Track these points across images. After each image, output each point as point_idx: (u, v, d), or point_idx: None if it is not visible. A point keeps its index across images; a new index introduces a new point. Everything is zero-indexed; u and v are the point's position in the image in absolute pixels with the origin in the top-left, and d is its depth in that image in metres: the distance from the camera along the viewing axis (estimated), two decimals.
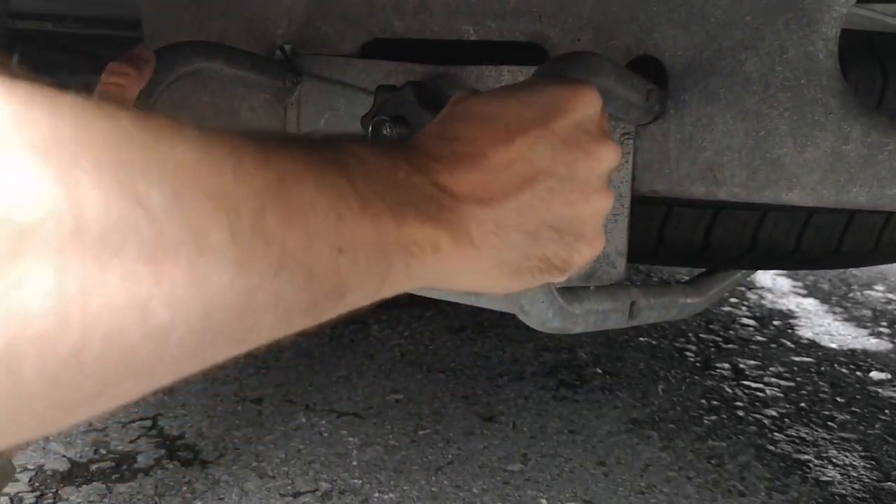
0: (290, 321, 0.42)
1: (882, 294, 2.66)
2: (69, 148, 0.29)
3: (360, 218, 0.43)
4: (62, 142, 0.29)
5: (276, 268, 0.37)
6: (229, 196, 0.35)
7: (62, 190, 0.28)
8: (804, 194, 0.90)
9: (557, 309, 0.79)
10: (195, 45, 1.05)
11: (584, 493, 1.38)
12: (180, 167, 0.33)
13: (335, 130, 0.42)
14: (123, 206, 0.30)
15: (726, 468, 1.48)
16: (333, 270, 0.42)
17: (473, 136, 0.55)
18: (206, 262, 0.33)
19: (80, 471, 1.37)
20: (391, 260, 0.46)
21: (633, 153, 0.97)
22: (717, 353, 2.06)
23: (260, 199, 0.37)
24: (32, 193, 0.27)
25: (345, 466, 1.42)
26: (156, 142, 0.33)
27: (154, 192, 0.32)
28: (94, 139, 0.30)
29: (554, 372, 1.87)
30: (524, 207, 0.54)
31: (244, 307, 0.36)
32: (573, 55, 0.83)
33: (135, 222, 0.30)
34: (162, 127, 0.34)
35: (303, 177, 0.40)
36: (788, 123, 0.89)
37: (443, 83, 1.05)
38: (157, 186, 0.32)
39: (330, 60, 1.15)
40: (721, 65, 0.92)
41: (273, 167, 0.38)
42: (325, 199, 0.41)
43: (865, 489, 1.44)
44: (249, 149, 0.38)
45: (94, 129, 0.31)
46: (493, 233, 0.53)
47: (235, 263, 0.35)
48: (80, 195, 0.29)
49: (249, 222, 0.36)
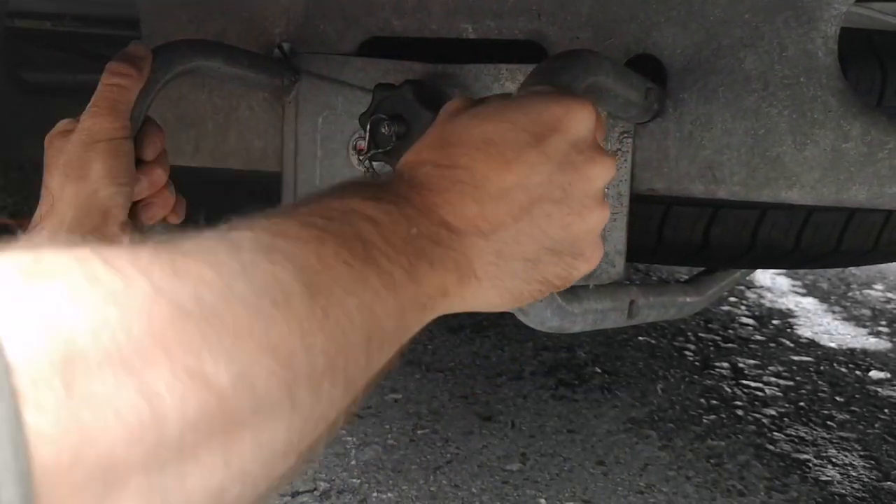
0: (328, 420, 0.43)
1: (881, 293, 2.66)
2: (140, 343, 0.30)
3: (385, 300, 0.45)
4: (134, 340, 0.30)
5: (325, 399, 0.40)
6: (284, 348, 0.37)
7: (144, 403, 0.29)
8: (804, 193, 0.89)
9: (556, 308, 0.79)
10: (193, 44, 1.05)
11: (582, 493, 1.38)
12: (237, 335, 0.35)
13: (336, 184, 0.43)
14: (195, 397, 0.31)
15: (725, 467, 1.48)
16: (364, 358, 0.44)
17: (470, 163, 0.55)
18: (268, 427, 0.35)
19: None
20: (409, 323, 0.48)
21: (631, 151, 0.97)
22: (717, 353, 2.06)
23: (309, 339, 0.38)
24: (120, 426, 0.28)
25: (343, 466, 1.42)
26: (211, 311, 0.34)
27: (221, 367, 0.32)
28: (162, 321, 0.31)
29: (553, 371, 1.87)
30: (522, 235, 0.55)
31: (296, 444, 0.38)
32: (572, 54, 0.82)
33: (207, 408, 0.31)
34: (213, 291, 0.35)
35: (343, 296, 0.42)
36: (788, 122, 0.89)
37: (441, 82, 1.05)
38: (223, 360, 0.33)
39: (328, 59, 1.15)
40: (720, 63, 0.92)
41: (318, 299, 0.40)
42: (358, 299, 0.43)
43: (865, 488, 1.44)
44: (296, 287, 0.39)
45: (160, 310, 0.32)
46: (493, 264, 0.54)
47: (290, 413, 0.36)
48: (160, 402, 0.29)
49: (305, 371, 0.38)
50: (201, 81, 1.24)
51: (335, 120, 1.15)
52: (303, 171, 1.19)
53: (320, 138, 1.17)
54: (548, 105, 0.59)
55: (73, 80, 1.90)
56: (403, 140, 1.00)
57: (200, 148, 1.27)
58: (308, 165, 1.18)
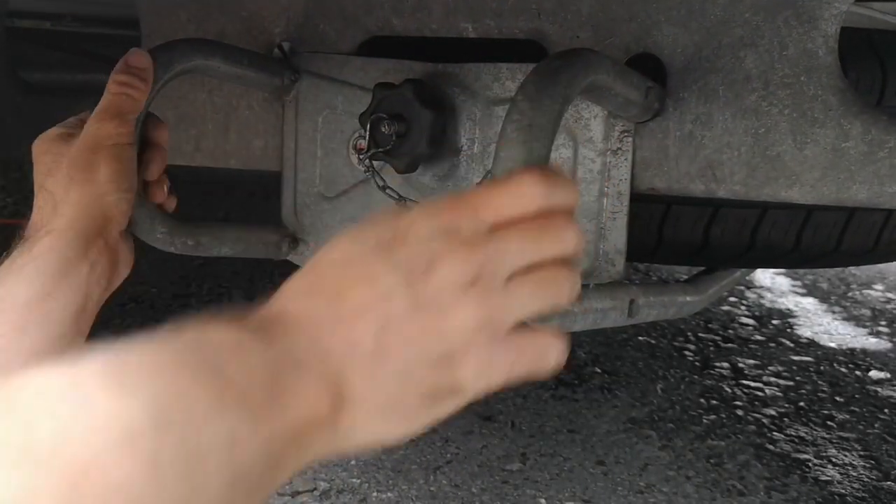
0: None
1: (881, 293, 2.66)
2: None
3: (246, 432, 0.44)
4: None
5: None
6: (129, 488, 0.38)
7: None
8: (804, 192, 0.89)
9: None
10: (193, 43, 1.05)
11: (582, 493, 1.38)
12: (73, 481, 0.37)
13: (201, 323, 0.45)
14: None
15: (725, 467, 1.48)
16: (229, 496, 0.43)
17: (326, 283, 0.54)
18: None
19: None
20: (281, 459, 0.47)
21: (632, 150, 0.97)
22: (717, 353, 2.06)
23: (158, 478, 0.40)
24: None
25: (343, 466, 1.42)
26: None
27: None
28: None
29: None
30: (387, 350, 0.52)
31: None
32: (572, 53, 0.83)
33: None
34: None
35: (196, 429, 0.42)
36: (788, 121, 0.89)
37: (441, 81, 1.05)
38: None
39: (328, 58, 1.15)
40: (720, 62, 0.92)
41: (167, 435, 0.41)
42: (213, 432, 0.43)
43: (865, 488, 1.44)
44: (144, 422, 0.40)
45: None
46: (365, 384, 0.52)
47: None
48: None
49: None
50: (201, 81, 1.24)
51: (335, 119, 1.15)
52: (303, 171, 1.19)
53: (320, 137, 1.17)
54: (395, 217, 0.57)
55: (72, 80, 1.90)
56: (403, 139, 1.00)
57: (200, 147, 1.27)
58: (308, 164, 1.18)
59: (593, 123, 0.98)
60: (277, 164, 1.22)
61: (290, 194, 1.21)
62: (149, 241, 1.04)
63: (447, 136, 1.04)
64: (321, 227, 1.18)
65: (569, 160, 1.00)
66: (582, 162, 0.99)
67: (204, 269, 2.33)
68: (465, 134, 1.05)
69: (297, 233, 1.20)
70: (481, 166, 1.04)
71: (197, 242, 1.07)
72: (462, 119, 1.04)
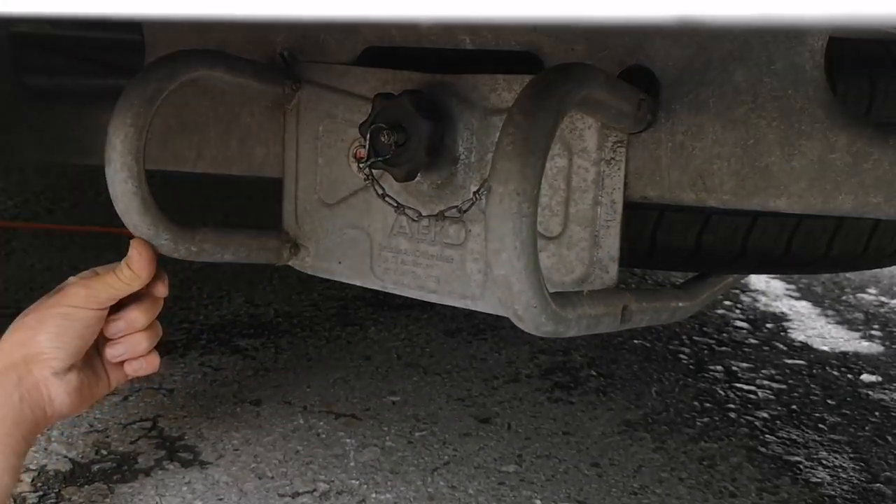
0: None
1: (874, 297, 2.68)
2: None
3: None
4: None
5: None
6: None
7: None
8: (792, 202, 0.92)
9: (551, 313, 0.81)
10: (197, 54, 1.07)
11: (577, 494, 1.40)
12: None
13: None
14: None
15: (718, 469, 1.50)
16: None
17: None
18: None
19: (82, 471, 1.39)
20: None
21: (625, 161, 0.99)
22: (711, 356, 2.08)
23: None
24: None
25: (342, 467, 1.44)
26: None
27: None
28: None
29: (549, 374, 1.89)
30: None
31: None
32: (566, 67, 0.85)
33: None
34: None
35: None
36: (776, 132, 0.92)
37: (439, 91, 1.07)
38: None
39: (328, 68, 1.18)
40: (711, 75, 0.94)
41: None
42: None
43: (854, 490, 1.46)
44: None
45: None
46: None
47: None
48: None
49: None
50: (204, 89, 1.27)
51: (335, 128, 1.18)
52: (304, 178, 1.22)
53: (321, 145, 1.20)
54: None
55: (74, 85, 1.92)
56: (403, 148, 1.03)
57: (203, 154, 1.30)
58: (309, 172, 1.21)
59: (587, 134, 1.00)
60: (278, 171, 1.25)
61: (290, 201, 1.23)
62: (154, 248, 1.06)
63: (445, 145, 1.07)
64: (321, 233, 1.21)
65: (564, 169, 1.02)
66: (576, 171, 1.01)
67: (204, 273, 2.35)
68: (462, 143, 1.07)
69: (297, 239, 1.23)
70: (478, 175, 1.06)
71: (200, 249, 1.10)
72: (460, 129, 1.07)
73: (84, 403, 1.13)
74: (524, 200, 0.75)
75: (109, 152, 1.00)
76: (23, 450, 1.06)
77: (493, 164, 0.77)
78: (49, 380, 1.06)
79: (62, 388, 1.07)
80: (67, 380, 1.08)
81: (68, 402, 1.09)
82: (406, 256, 1.13)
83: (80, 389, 1.10)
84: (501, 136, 0.77)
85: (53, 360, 1.06)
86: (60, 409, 1.09)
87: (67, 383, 1.08)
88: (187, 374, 1.79)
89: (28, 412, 1.05)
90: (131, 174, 0.99)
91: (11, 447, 1.03)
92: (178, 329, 2.02)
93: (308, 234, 1.22)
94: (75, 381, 1.09)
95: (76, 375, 1.09)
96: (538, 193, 0.76)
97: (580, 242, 1.02)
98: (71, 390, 1.08)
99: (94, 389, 1.14)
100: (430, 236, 1.11)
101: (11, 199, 2.83)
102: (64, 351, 1.06)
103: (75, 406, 1.11)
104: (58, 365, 1.06)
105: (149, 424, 1.56)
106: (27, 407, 1.05)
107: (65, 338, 1.06)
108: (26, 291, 0.94)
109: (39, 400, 1.07)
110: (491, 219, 0.76)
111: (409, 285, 1.14)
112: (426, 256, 1.12)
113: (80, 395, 1.11)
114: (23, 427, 1.05)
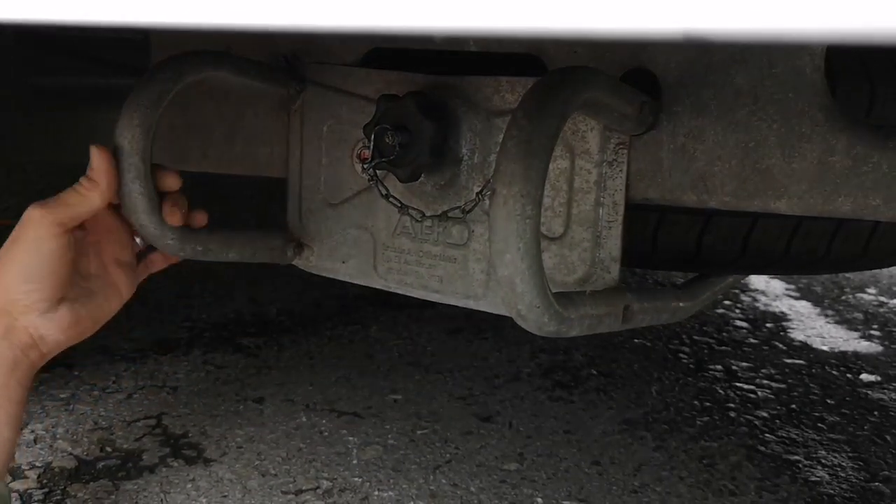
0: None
1: (874, 297, 2.69)
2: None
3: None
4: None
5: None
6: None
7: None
8: (792, 203, 0.93)
9: (553, 313, 0.82)
10: (202, 55, 1.08)
11: (578, 492, 1.41)
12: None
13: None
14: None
15: (717, 468, 1.52)
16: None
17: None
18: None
19: (87, 468, 1.40)
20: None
21: (627, 162, 1.00)
22: (711, 355, 2.09)
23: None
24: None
25: (345, 465, 1.45)
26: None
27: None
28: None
29: (550, 373, 1.90)
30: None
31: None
32: (570, 70, 0.86)
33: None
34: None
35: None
36: (777, 135, 0.93)
37: (443, 93, 1.08)
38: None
39: (333, 69, 1.18)
40: (712, 78, 0.95)
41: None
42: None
43: (853, 489, 1.47)
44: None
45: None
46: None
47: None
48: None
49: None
50: (209, 90, 1.27)
51: (339, 129, 1.19)
52: (308, 178, 1.22)
53: (325, 146, 1.20)
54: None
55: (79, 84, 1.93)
56: (406, 149, 1.03)
57: (208, 154, 1.30)
58: (313, 172, 1.22)
59: (590, 136, 1.01)
60: (283, 172, 1.25)
61: (295, 201, 1.24)
62: (160, 248, 1.07)
63: (449, 146, 1.08)
64: (325, 232, 1.22)
65: (566, 171, 1.03)
66: (579, 173, 1.02)
67: (207, 271, 2.37)
68: (465, 144, 1.08)
69: (301, 238, 1.23)
70: (481, 175, 1.07)
71: (206, 248, 1.10)
72: (463, 130, 1.08)
73: (87, 331, 1.06)
74: (528, 202, 0.75)
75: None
76: (21, 396, 1.01)
77: (496, 166, 0.78)
78: (36, 322, 0.99)
79: (54, 327, 1.00)
80: (59, 316, 1.00)
81: (64, 338, 1.02)
82: (409, 256, 1.14)
83: (76, 322, 1.02)
84: (505, 139, 0.78)
85: (34, 303, 0.98)
86: (56, 345, 1.02)
87: (59, 320, 1.00)
88: (191, 371, 1.80)
89: (21, 356, 0.99)
90: (138, 174, 1.00)
91: (8, 397, 0.99)
92: (181, 327, 2.04)
93: (312, 234, 1.23)
94: (68, 316, 1.01)
95: (68, 308, 1.01)
96: (541, 195, 0.77)
97: (582, 243, 1.03)
98: (65, 326, 1.01)
99: (99, 312, 1.06)
100: (433, 236, 1.12)
101: (14, 197, 2.84)
102: (39, 292, 0.98)
103: (75, 336, 1.04)
104: (40, 306, 0.98)
105: (153, 422, 1.57)
106: (19, 352, 0.99)
107: (35, 277, 0.97)
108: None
109: (30, 343, 1.00)
110: (495, 220, 0.77)
111: (413, 285, 1.15)
112: (429, 256, 1.13)
113: (79, 326, 1.03)
114: (18, 373, 0.99)
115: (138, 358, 1.84)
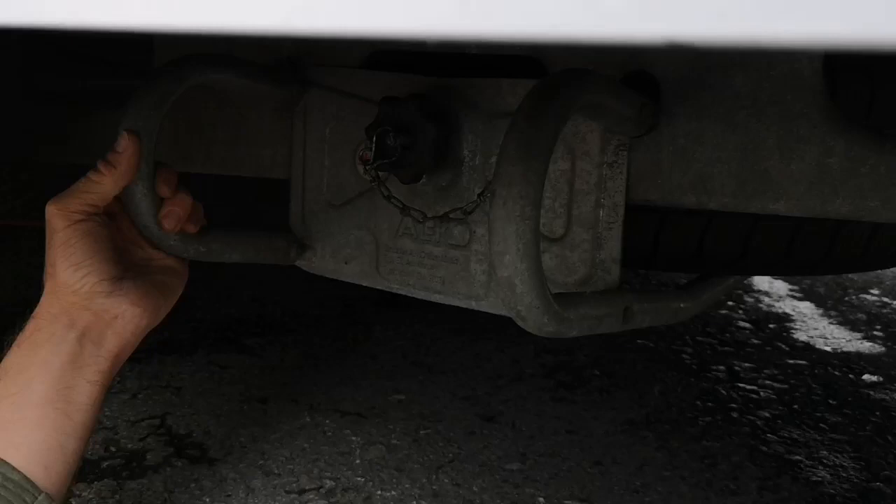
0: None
1: (877, 298, 2.69)
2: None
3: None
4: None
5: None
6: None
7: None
8: (790, 205, 0.93)
9: (553, 314, 0.83)
10: (205, 58, 1.09)
11: (580, 492, 1.42)
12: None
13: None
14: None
15: (719, 468, 1.52)
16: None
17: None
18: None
19: (92, 468, 1.41)
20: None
21: (627, 164, 1.01)
22: (713, 356, 2.09)
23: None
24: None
25: (348, 465, 1.46)
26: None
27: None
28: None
29: (552, 373, 1.91)
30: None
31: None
32: (570, 72, 0.87)
33: None
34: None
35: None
36: (775, 137, 0.93)
37: (444, 95, 1.09)
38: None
39: (335, 71, 1.19)
40: (711, 80, 0.96)
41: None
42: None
43: (854, 489, 1.48)
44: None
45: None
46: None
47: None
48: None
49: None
50: (212, 92, 1.28)
51: (342, 130, 1.20)
52: (310, 179, 1.23)
53: (327, 147, 1.21)
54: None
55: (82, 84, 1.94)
56: (408, 151, 1.04)
57: (211, 156, 1.31)
58: (316, 174, 1.23)
59: (590, 138, 1.02)
60: (286, 173, 1.26)
61: (297, 202, 1.25)
62: (163, 249, 1.08)
63: (450, 148, 1.08)
64: (328, 233, 1.23)
65: (566, 172, 1.04)
66: (579, 174, 1.03)
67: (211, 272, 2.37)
68: (467, 146, 1.09)
69: (304, 239, 1.24)
70: (482, 177, 1.08)
71: (209, 249, 1.11)
72: (464, 132, 1.08)
73: (161, 307, 1.06)
74: (527, 204, 0.76)
75: None
76: (93, 396, 0.99)
77: (496, 167, 0.78)
78: (105, 304, 0.99)
79: (125, 301, 1.00)
80: (125, 291, 1.00)
81: (139, 310, 1.02)
82: (411, 257, 1.15)
83: (146, 294, 1.02)
84: (505, 141, 0.78)
85: (94, 286, 0.98)
86: (134, 320, 1.01)
87: (127, 293, 1.00)
88: (195, 372, 1.81)
89: (92, 350, 0.99)
90: (141, 176, 1.01)
91: (69, 400, 0.97)
92: (185, 328, 2.05)
93: (315, 235, 1.24)
94: (134, 289, 1.01)
95: (132, 282, 1.01)
96: (541, 197, 0.78)
97: (582, 244, 1.04)
98: (135, 299, 1.01)
99: (164, 287, 1.07)
100: (434, 237, 1.13)
101: (19, 198, 2.85)
102: (94, 274, 0.98)
103: (151, 309, 1.04)
104: (103, 287, 0.98)
105: (157, 422, 1.58)
106: (89, 344, 0.99)
107: (81, 262, 0.98)
108: (36, 289, 0.96)
109: (103, 327, 1.00)
110: (495, 221, 0.77)
111: (415, 286, 1.15)
112: (431, 257, 1.13)
113: (150, 298, 1.03)
114: (87, 371, 0.99)
115: (143, 358, 1.85)
